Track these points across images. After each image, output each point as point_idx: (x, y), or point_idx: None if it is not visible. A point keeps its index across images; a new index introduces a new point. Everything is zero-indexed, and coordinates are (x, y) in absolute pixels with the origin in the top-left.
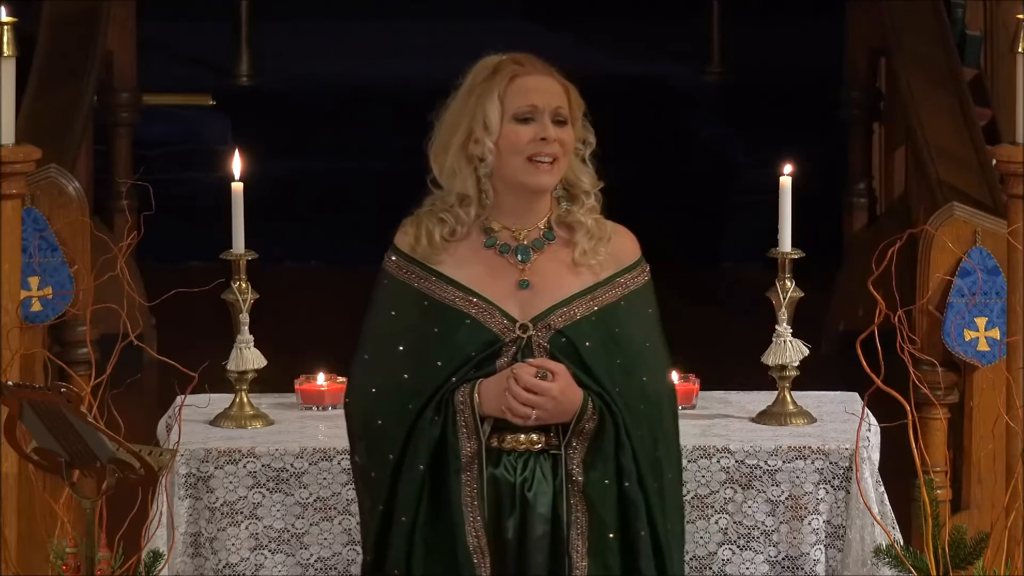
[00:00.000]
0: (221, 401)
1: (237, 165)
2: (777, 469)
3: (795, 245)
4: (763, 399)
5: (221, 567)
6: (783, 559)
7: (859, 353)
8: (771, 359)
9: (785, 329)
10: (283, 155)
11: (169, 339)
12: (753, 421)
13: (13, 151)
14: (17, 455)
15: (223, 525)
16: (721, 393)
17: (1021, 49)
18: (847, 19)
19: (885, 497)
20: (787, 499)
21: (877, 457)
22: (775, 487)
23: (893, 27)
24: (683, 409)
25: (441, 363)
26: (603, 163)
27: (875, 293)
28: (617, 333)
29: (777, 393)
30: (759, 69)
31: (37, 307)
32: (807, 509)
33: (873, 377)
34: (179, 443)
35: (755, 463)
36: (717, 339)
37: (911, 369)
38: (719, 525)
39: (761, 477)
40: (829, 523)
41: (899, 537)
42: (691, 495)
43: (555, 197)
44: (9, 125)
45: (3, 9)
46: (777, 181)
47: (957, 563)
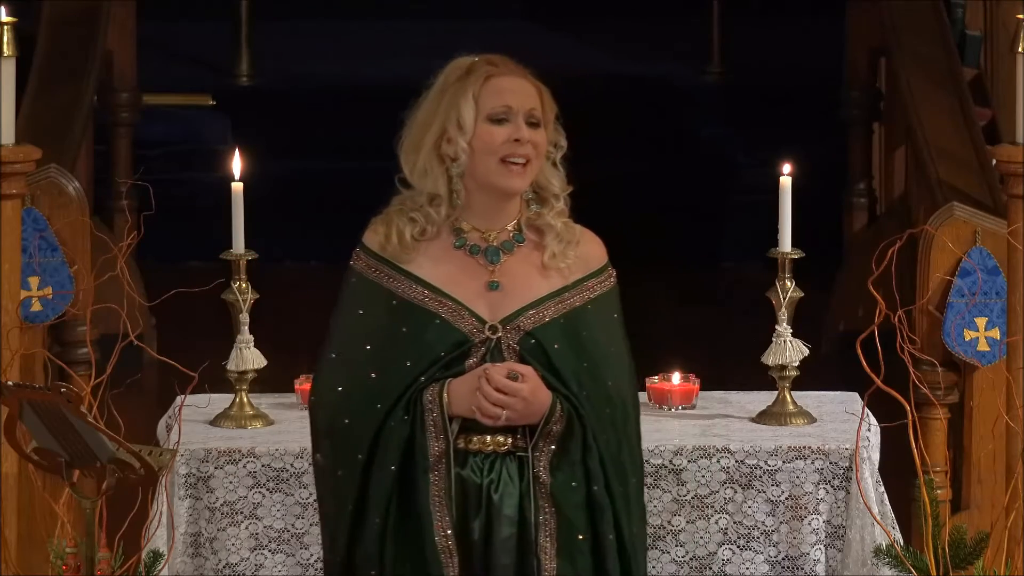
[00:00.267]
0: (221, 401)
1: (237, 165)
2: (777, 469)
3: (795, 245)
4: (763, 399)
5: (221, 567)
6: (783, 559)
7: (859, 353)
8: (771, 359)
9: (785, 329)
10: (283, 155)
11: (169, 339)
12: (753, 421)
13: (13, 151)
14: (17, 455)
15: (223, 525)
16: (721, 393)
17: (1021, 49)
18: (847, 19)
19: (885, 497)
20: (787, 499)
21: (877, 457)
22: (775, 487)
23: (893, 27)
24: (683, 409)
25: (410, 363)
26: (602, 163)
27: (875, 293)
28: (584, 337)
29: (777, 393)
30: (759, 69)
31: (37, 307)
32: (807, 509)
33: (873, 377)
34: (179, 443)
35: (755, 463)
36: (717, 339)
37: (911, 369)
38: (719, 525)
39: (761, 477)
40: (829, 523)
41: (899, 537)
42: (691, 495)
43: (525, 199)
44: (9, 125)
45: (3, 9)
46: (777, 181)
47: (957, 563)
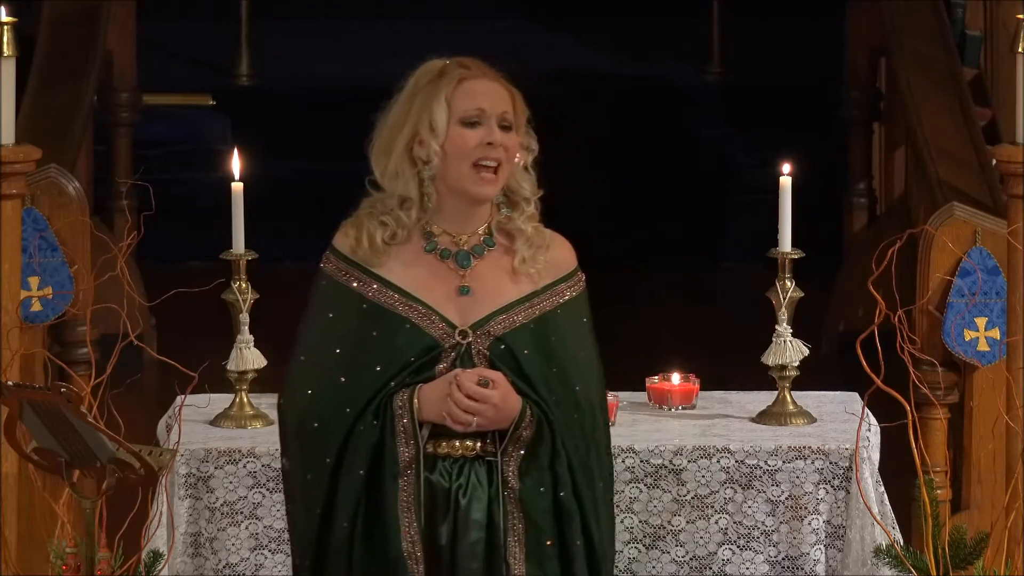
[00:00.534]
0: (221, 401)
1: (237, 165)
2: (777, 469)
3: (795, 245)
4: (763, 399)
5: (221, 567)
6: (783, 559)
7: (859, 353)
8: (771, 359)
9: (785, 329)
10: (283, 155)
11: (169, 339)
12: (753, 421)
13: (13, 151)
14: (17, 455)
15: (223, 525)
16: (721, 393)
17: (1021, 49)
18: (847, 19)
19: (885, 497)
20: (787, 499)
21: (877, 457)
22: (775, 487)
23: (893, 27)
24: (683, 409)
25: (379, 367)
26: (601, 163)
27: (875, 293)
28: (553, 342)
29: (777, 393)
30: (759, 69)
31: (37, 307)
32: (807, 509)
33: (873, 377)
34: (179, 443)
35: (755, 463)
36: (717, 339)
37: (911, 369)
38: (719, 525)
39: (761, 477)
40: (829, 523)
41: (899, 537)
42: (691, 495)
43: (496, 203)
44: (9, 125)
45: (3, 9)
46: (777, 181)
47: (957, 563)
